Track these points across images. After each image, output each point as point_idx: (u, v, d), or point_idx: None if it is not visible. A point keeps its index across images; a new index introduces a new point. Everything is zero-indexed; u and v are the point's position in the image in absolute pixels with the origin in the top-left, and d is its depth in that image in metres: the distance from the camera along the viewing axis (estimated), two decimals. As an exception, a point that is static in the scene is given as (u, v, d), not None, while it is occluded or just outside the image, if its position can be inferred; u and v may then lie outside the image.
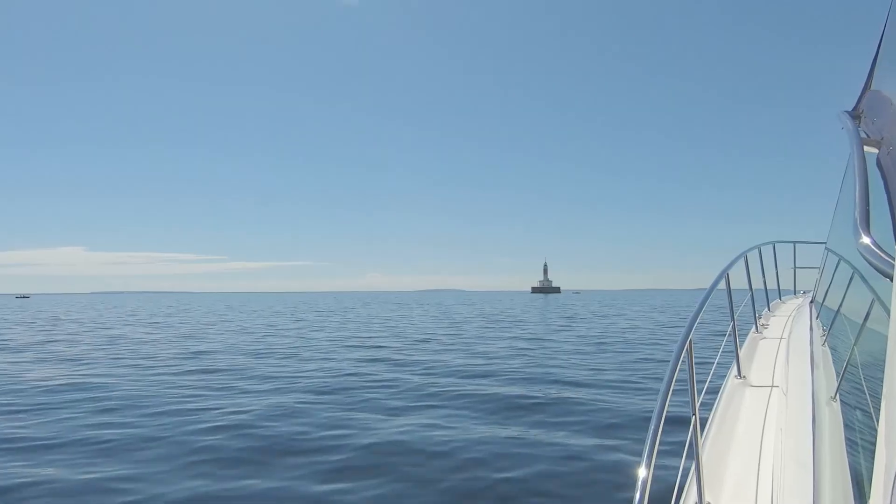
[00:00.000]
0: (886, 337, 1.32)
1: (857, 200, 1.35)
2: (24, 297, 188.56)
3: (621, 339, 19.07)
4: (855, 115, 2.42)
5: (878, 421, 1.26)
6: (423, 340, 19.64)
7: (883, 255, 1.05)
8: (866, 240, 1.15)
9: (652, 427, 1.48)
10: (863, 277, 1.85)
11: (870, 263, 1.08)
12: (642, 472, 1.34)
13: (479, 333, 22.31)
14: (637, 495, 1.28)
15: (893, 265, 1.01)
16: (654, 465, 1.39)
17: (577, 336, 20.38)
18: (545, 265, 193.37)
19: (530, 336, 20.70)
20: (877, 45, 2.47)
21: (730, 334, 3.46)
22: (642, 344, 17.75)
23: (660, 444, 1.46)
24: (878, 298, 1.46)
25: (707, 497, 1.92)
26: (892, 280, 0.98)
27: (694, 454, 1.89)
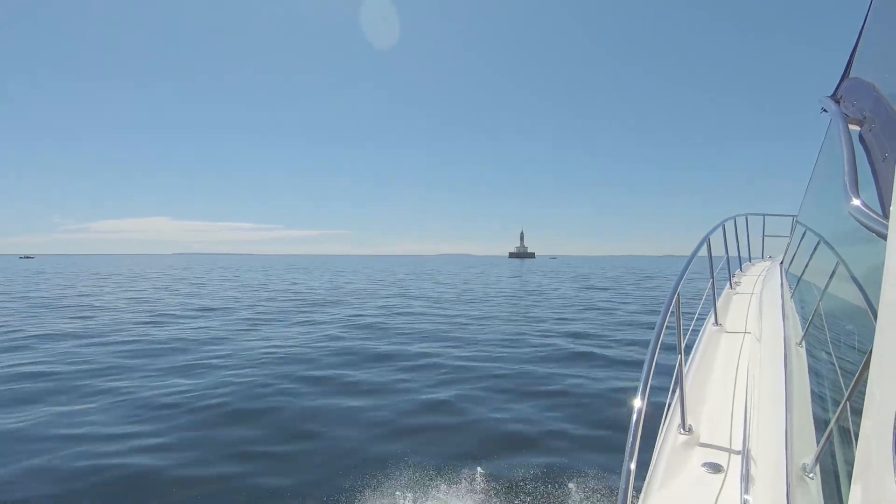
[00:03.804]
0: (845, 297, 1.39)
1: (846, 168, 1.36)
2: (28, 258, 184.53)
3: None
4: (835, 99, 2.43)
5: (837, 362, 1.38)
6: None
7: (873, 214, 1.05)
8: (856, 202, 1.15)
9: (646, 365, 1.62)
10: (828, 244, 1.97)
11: (861, 223, 1.07)
12: (638, 402, 1.49)
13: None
14: (634, 417, 1.43)
15: (885, 224, 1.00)
16: (648, 397, 1.53)
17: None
18: (521, 233, 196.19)
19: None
20: (856, 38, 2.42)
21: (709, 290, 3.66)
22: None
23: (651, 378, 1.60)
24: (843, 261, 1.55)
25: (689, 421, 2.11)
26: (884, 238, 0.96)
27: (679, 386, 2.07)
